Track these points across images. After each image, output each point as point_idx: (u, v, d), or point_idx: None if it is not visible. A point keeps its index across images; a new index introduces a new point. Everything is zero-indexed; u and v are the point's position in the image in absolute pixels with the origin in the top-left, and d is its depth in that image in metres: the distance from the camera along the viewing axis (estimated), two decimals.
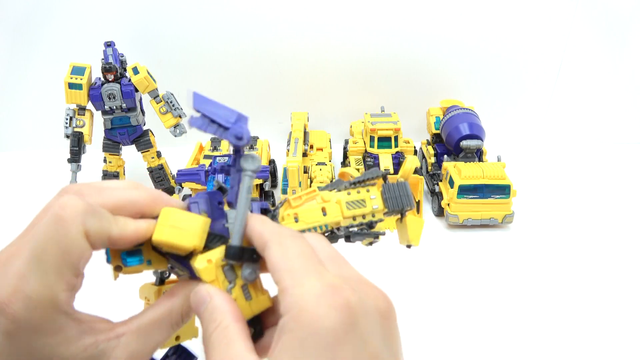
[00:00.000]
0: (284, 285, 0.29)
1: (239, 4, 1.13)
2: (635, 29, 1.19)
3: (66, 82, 0.92)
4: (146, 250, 0.35)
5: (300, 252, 0.30)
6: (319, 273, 0.29)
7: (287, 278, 0.29)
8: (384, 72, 1.21)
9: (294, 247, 0.31)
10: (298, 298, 0.28)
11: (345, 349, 0.27)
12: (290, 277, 0.29)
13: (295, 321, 0.27)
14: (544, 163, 1.20)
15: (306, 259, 0.30)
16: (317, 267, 0.30)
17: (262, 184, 0.94)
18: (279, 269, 0.30)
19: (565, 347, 0.65)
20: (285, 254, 0.30)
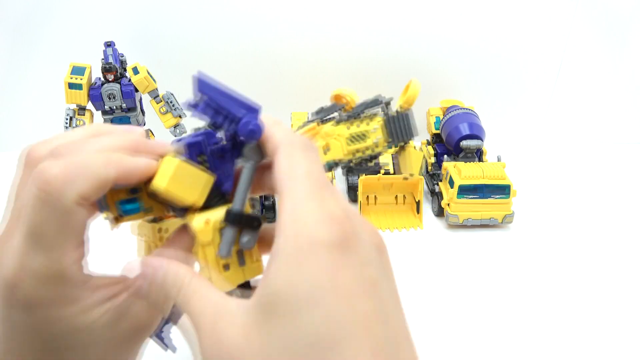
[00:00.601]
0: (283, 204, 0.28)
1: (239, 4, 1.13)
2: (635, 29, 1.19)
3: (66, 82, 0.92)
4: (143, 197, 0.33)
5: (308, 171, 0.29)
6: (321, 199, 0.28)
7: (288, 197, 0.28)
8: (384, 72, 1.21)
9: (302, 164, 0.29)
10: (296, 220, 0.27)
11: (344, 270, 0.26)
12: (291, 196, 0.28)
13: (292, 242, 0.26)
14: (544, 163, 1.20)
15: (312, 180, 0.28)
16: (321, 192, 0.28)
17: None
18: (283, 185, 0.29)
19: (566, 347, 0.65)
20: (292, 169, 0.29)
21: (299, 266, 0.25)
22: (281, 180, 0.29)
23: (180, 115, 0.98)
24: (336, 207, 0.28)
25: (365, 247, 0.28)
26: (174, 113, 0.97)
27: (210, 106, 0.30)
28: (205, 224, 0.31)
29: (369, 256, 0.28)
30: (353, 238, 0.27)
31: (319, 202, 0.27)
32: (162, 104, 0.97)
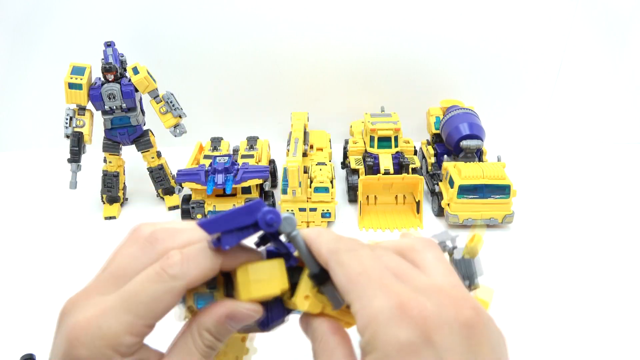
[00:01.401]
0: (354, 309, 0.29)
1: (239, 4, 1.13)
2: (635, 29, 1.19)
3: (66, 82, 0.91)
4: (219, 294, 0.35)
5: (362, 269, 0.30)
6: (385, 289, 0.28)
7: (354, 300, 0.29)
8: (384, 72, 1.21)
9: (353, 265, 0.30)
10: (368, 320, 0.27)
11: None
12: (357, 299, 0.29)
13: (370, 344, 0.27)
14: (544, 163, 1.20)
15: (369, 275, 0.29)
16: (382, 282, 0.28)
17: (262, 184, 0.94)
18: (345, 292, 0.30)
19: (566, 347, 0.65)
20: (347, 274, 0.30)
21: None
22: (341, 287, 0.30)
23: (180, 115, 0.98)
24: (405, 290, 0.28)
25: (446, 329, 0.27)
26: (174, 113, 0.97)
27: (228, 236, 0.32)
28: (306, 299, 0.34)
29: (449, 341, 0.26)
30: (427, 326, 0.26)
31: (384, 293, 0.28)
32: (162, 104, 0.97)
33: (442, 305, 0.27)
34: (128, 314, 0.30)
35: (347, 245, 0.32)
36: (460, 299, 0.28)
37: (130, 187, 1.06)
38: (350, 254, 0.31)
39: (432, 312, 0.27)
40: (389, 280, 0.29)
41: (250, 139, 1.08)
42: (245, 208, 0.32)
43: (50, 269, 0.83)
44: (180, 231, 0.34)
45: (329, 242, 0.32)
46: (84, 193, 1.03)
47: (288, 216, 0.33)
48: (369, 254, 0.31)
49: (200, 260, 0.32)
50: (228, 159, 0.92)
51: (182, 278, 0.31)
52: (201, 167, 0.92)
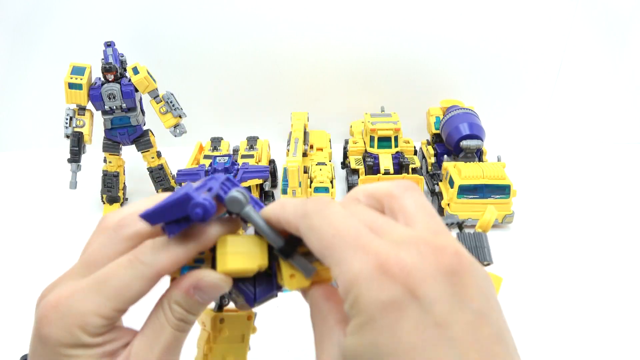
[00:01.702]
0: (333, 274, 0.28)
1: (239, 4, 1.13)
2: (635, 29, 1.19)
3: (66, 82, 0.91)
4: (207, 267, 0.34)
5: (335, 230, 0.28)
6: (362, 249, 0.27)
7: (332, 265, 0.28)
8: (384, 72, 1.21)
9: (325, 227, 0.29)
10: (349, 285, 0.27)
11: (405, 323, 0.25)
12: (335, 263, 0.28)
13: (354, 308, 0.26)
14: (544, 163, 1.20)
15: (343, 236, 0.28)
16: (358, 241, 0.27)
17: (262, 184, 0.94)
18: (322, 257, 0.29)
19: (566, 347, 0.65)
20: (320, 238, 0.29)
21: (363, 332, 0.26)
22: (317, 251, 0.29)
23: (180, 115, 0.98)
24: (383, 247, 0.27)
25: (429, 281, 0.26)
26: (174, 113, 0.97)
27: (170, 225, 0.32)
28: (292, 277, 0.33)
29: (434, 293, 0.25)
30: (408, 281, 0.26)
31: (362, 253, 0.27)
32: (162, 104, 0.97)
33: (423, 256, 0.26)
34: (98, 295, 0.31)
35: (316, 206, 0.30)
36: (441, 246, 0.27)
37: (130, 187, 1.06)
38: (320, 216, 0.29)
39: (412, 266, 0.26)
40: (365, 238, 0.27)
41: (250, 139, 1.08)
42: (175, 202, 0.31)
43: (50, 269, 0.82)
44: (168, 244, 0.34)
45: (295, 208, 0.31)
46: (84, 193, 1.03)
47: (232, 196, 0.32)
48: (341, 212, 0.29)
49: (171, 250, 0.32)
50: (228, 159, 0.92)
51: (153, 265, 0.31)
52: (201, 167, 0.92)
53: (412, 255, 0.26)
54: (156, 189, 1.03)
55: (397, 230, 0.28)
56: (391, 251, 0.26)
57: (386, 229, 0.28)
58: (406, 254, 0.26)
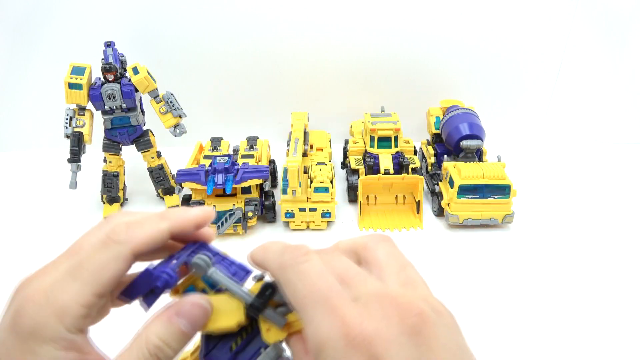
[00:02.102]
0: (305, 333, 0.29)
1: (239, 4, 1.13)
2: (635, 29, 1.19)
3: (66, 82, 0.91)
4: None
5: (307, 289, 0.29)
6: (331, 312, 0.28)
7: (304, 324, 0.29)
8: (384, 72, 1.21)
9: (299, 285, 0.29)
10: (314, 341, 0.28)
11: None
12: (307, 323, 0.28)
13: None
14: (544, 163, 1.20)
15: (314, 296, 0.29)
16: (327, 303, 0.28)
17: (262, 184, 0.94)
18: (294, 307, 0.30)
19: (566, 347, 0.65)
20: (294, 296, 0.30)
21: None
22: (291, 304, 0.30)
23: (180, 115, 0.98)
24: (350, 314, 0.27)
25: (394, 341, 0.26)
26: (174, 113, 0.97)
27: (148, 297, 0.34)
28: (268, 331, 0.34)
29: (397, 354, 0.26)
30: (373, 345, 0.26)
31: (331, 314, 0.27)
32: (162, 104, 0.97)
33: (387, 319, 0.27)
34: (75, 281, 0.31)
35: (292, 259, 0.31)
36: (405, 306, 0.28)
37: (130, 187, 1.06)
38: (295, 271, 0.30)
39: (376, 333, 0.26)
40: (335, 299, 0.28)
41: (250, 139, 1.08)
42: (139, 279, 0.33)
43: None
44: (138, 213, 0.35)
45: (274, 257, 0.32)
46: (84, 193, 1.03)
47: (193, 263, 0.34)
48: (315, 267, 0.30)
49: (146, 226, 0.32)
50: (228, 159, 0.92)
51: (127, 243, 0.32)
52: (201, 167, 0.92)
53: (377, 319, 0.27)
54: (156, 189, 1.03)
55: (367, 285, 0.29)
56: (357, 316, 0.27)
57: (357, 282, 0.29)
58: (371, 318, 0.27)
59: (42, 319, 0.30)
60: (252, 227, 0.93)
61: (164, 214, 0.34)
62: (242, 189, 0.92)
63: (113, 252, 0.31)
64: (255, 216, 0.92)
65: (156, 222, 0.33)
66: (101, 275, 0.31)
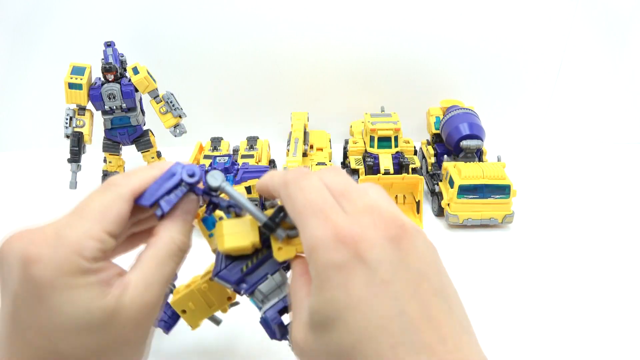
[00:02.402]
0: (301, 238, 0.33)
1: (239, 4, 1.13)
2: (635, 29, 1.19)
3: (66, 82, 0.91)
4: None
5: (305, 200, 0.33)
6: (324, 219, 0.31)
7: (301, 230, 0.33)
8: (384, 72, 1.21)
9: (299, 197, 0.33)
10: (308, 244, 0.32)
11: (355, 281, 0.29)
12: (302, 229, 0.32)
13: (313, 269, 0.31)
14: (544, 163, 1.20)
15: (311, 206, 0.32)
16: (322, 212, 0.32)
17: None
18: (295, 222, 0.34)
19: (566, 347, 0.65)
20: (294, 206, 0.33)
21: (321, 291, 0.31)
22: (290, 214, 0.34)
23: (180, 115, 0.98)
24: (340, 218, 0.32)
25: (377, 247, 0.30)
26: (174, 113, 0.97)
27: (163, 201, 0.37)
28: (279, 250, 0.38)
29: (379, 257, 0.30)
30: (357, 247, 0.30)
31: (323, 221, 0.31)
32: (162, 104, 0.97)
33: (374, 226, 0.31)
34: (84, 221, 0.33)
35: (294, 176, 0.35)
36: (390, 218, 0.32)
37: None
38: (296, 185, 0.34)
39: (363, 235, 0.30)
40: (328, 210, 0.32)
41: (250, 139, 1.08)
42: (167, 172, 0.37)
43: None
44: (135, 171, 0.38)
45: (279, 177, 0.36)
46: (84, 193, 1.03)
47: (212, 172, 0.38)
48: (314, 183, 0.34)
49: (139, 173, 0.36)
50: (228, 159, 0.92)
51: (126, 185, 0.35)
52: (201, 167, 0.92)
53: (365, 225, 0.31)
54: None
55: (360, 199, 0.33)
56: (347, 222, 0.31)
57: (354, 196, 0.33)
58: (359, 224, 0.31)
59: (60, 259, 0.31)
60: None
61: (153, 165, 0.38)
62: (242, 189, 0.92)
63: (114, 193, 0.34)
64: None
65: (148, 170, 0.37)
66: (107, 213, 0.34)
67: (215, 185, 0.38)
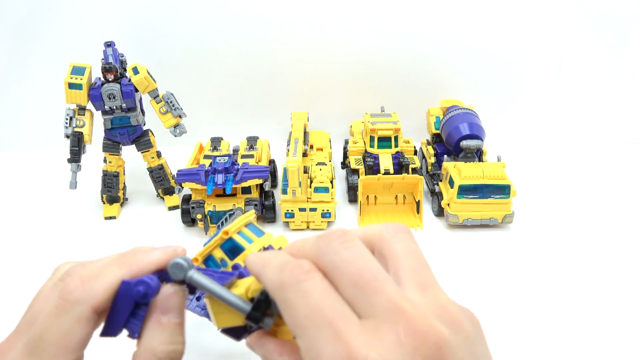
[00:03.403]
0: (302, 355, 0.27)
1: (239, 4, 1.13)
2: (635, 29, 1.19)
3: (66, 82, 0.91)
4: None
5: (308, 310, 0.26)
6: (333, 335, 0.25)
7: (302, 347, 0.26)
8: (384, 72, 1.21)
9: (300, 306, 0.27)
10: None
11: None
12: (306, 347, 0.26)
13: None
14: (544, 163, 1.20)
15: (316, 318, 0.26)
16: (331, 326, 0.25)
17: (262, 184, 0.94)
18: (294, 334, 0.27)
19: (566, 346, 0.65)
20: (293, 316, 0.27)
21: None
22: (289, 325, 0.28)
23: (180, 115, 0.98)
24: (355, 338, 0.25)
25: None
26: (174, 113, 0.97)
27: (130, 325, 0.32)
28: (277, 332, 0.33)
29: None
30: None
31: (332, 342, 0.25)
32: (162, 104, 0.97)
33: (399, 346, 0.24)
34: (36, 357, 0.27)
35: (293, 277, 0.27)
36: (423, 329, 0.25)
37: (130, 187, 1.06)
38: (296, 290, 0.27)
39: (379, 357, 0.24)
40: (339, 322, 0.25)
41: (250, 139, 1.08)
42: (119, 298, 0.31)
43: (50, 268, 0.83)
44: (94, 262, 0.32)
45: (273, 274, 0.29)
46: (84, 193, 1.03)
47: (174, 263, 0.32)
48: (317, 286, 0.27)
49: (102, 277, 0.29)
50: (228, 159, 0.92)
51: (87, 301, 0.28)
52: (201, 167, 0.92)
53: (387, 346, 0.24)
54: (156, 189, 1.03)
55: (383, 295, 0.26)
56: (363, 345, 0.24)
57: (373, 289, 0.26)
58: (380, 345, 0.24)
59: None
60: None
61: (121, 260, 0.31)
62: (242, 189, 0.92)
63: (72, 315, 0.28)
64: (255, 216, 0.92)
65: (113, 271, 0.30)
66: (67, 344, 0.28)
67: (180, 279, 0.32)
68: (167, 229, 0.96)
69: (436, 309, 0.27)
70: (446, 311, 0.27)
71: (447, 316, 0.26)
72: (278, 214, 0.96)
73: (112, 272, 0.30)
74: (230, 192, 0.89)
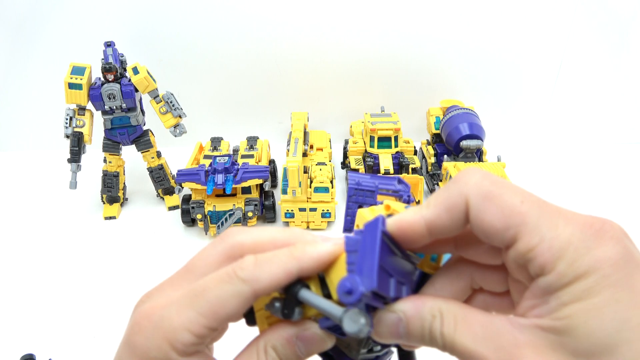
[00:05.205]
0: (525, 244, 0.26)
1: (239, 4, 1.13)
2: (635, 29, 1.19)
3: (66, 82, 0.91)
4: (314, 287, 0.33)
5: (522, 197, 0.27)
6: (559, 213, 0.27)
7: (525, 233, 0.26)
8: (384, 72, 1.21)
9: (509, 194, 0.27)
10: (560, 249, 0.26)
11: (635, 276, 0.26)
12: (531, 231, 0.26)
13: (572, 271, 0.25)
14: (544, 163, 1.20)
15: (533, 202, 0.27)
16: (552, 207, 0.27)
17: (262, 184, 0.94)
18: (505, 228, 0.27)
19: None
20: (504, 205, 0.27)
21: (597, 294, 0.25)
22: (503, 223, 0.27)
23: (180, 115, 0.98)
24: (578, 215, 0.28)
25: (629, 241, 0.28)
26: (174, 113, 0.97)
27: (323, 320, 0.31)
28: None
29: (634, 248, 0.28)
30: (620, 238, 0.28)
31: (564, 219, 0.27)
32: (162, 104, 0.97)
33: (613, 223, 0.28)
34: (191, 309, 0.30)
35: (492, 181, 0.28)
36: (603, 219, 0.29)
37: (130, 187, 1.06)
38: (499, 185, 0.28)
39: (617, 228, 0.28)
40: (553, 206, 0.27)
41: (250, 139, 1.08)
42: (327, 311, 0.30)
43: (50, 269, 0.83)
44: (253, 229, 0.34)
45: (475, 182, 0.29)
46: (84, 193, 1.03)
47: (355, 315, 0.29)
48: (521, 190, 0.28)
49: (274, 265, 0.30)
50: (228, 159, 0.92)
51: (252, 282, 0.30)
52: (201, 167, 0.92)
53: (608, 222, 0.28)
54: (156, 189, 1.03)
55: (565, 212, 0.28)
56: (588, 216, 0.27)
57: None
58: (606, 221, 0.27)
59: (154, 341, 0.29)
60: (252, 227, 0.93)
61: (294, 253, 0.31)
62: (242, 189, 0.92)
63: (236, 289, 0.30)
64: (255, 216, 0.92)
65: (285, 262, 0.30)
66: (219, 310, 0.29)
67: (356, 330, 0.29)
68: (167, 229, 0.96)
69: None
70: None
71: None
72: (278, 214, 0.96)
73: (284, 263, 0.30)
74: (230, 192, 0.89)
